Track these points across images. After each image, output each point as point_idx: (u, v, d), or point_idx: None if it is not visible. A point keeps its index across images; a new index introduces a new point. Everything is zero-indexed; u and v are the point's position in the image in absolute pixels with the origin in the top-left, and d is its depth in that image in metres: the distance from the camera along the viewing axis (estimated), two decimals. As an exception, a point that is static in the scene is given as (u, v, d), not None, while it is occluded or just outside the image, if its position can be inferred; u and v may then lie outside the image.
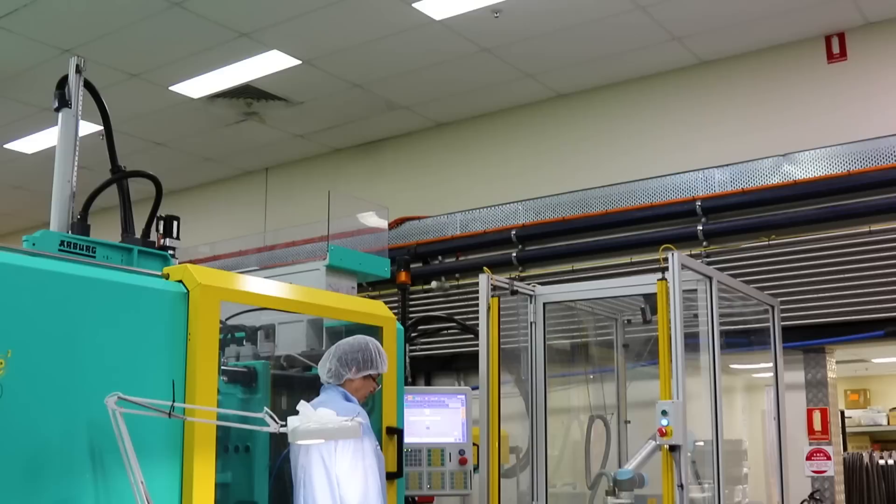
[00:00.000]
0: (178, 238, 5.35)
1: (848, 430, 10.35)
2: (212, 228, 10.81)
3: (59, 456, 3.81)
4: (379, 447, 4.60)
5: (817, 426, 7.36)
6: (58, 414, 3.83)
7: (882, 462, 8.67)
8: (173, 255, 5.16)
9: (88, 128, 5.42)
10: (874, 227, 7.08)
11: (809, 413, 7.38)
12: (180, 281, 4.35)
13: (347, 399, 4.58)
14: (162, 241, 5.27)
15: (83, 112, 5.03)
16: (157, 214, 5.35)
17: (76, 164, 5.08)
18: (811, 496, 7.27)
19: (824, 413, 7.35)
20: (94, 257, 4.66)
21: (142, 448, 3.93)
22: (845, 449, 8.43)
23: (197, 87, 8.86)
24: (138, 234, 5.21)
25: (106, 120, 5.22)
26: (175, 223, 5.36)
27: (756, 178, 7.62)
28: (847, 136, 7.34)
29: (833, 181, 7.27)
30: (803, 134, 7.63)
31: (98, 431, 3.91)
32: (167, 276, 4.40)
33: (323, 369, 4.69)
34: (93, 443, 3.91)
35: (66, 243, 4.64)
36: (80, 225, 5.06)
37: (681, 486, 4.76)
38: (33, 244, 4.52)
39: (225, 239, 10.07)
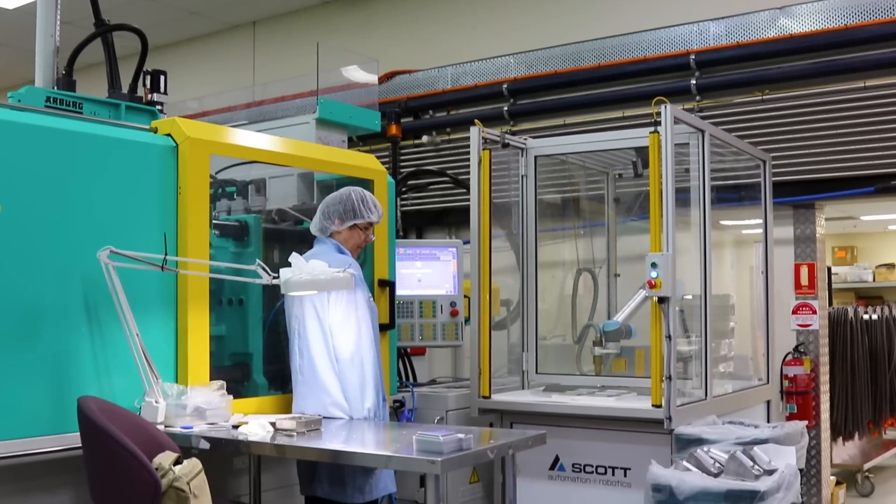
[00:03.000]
0: (165, 93, 5.31)
1: (834, 286, 10.48)
2: (200, 84, 10.66)
3: (54, 310, 3.86)
4: (372, 299, 4.64)
5: (804, 281, 7.44)
6: (51, 269, 3.87)
7: (866, 317, 8.80)
8: (161, 111, 5.14)
9: (70, -20, 5.28)
10: (869, 83, 7.00)
11: (797, 268, 7.45)
12: (169, 135, 4.33)
13: (340, 251, 4.60)
14: (149, 96, 5.24)
15: (63, -37, 4.92)
16: (144, 69, 5.29)
17: (58, 18, 4.99)
18: (796, 349, 7.41)
19: (811, 268, 7.42)
20: (81, 113, 4.63)
21: (136, 302, 3.99)
22: (831, 304, 8.53)
23: (181, -64, 8.62)
24: (125, 90, 5.17)
25: (87, -30, 5.10)
26: (162, 78, 5.31)
27: (752, 31, 7.50)
28: (846, -13, 7.21)
29: (830, 35, 7.15)
30: (801, -14, 7.49)
31: (92, 286, 3.95)
32: (155, 130, 4.38)
33: (313, 223, 4.71)
34: (87, 297, 3.96)
35: (52, 99, 4.60)
36: (66, 80, 5.02)
37: (668, 337, 4.84)
38: (19, 100, 4.48)
39: (213, 93, 9.95)
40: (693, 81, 7.60)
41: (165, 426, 3.98)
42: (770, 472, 4.24)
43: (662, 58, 7.81)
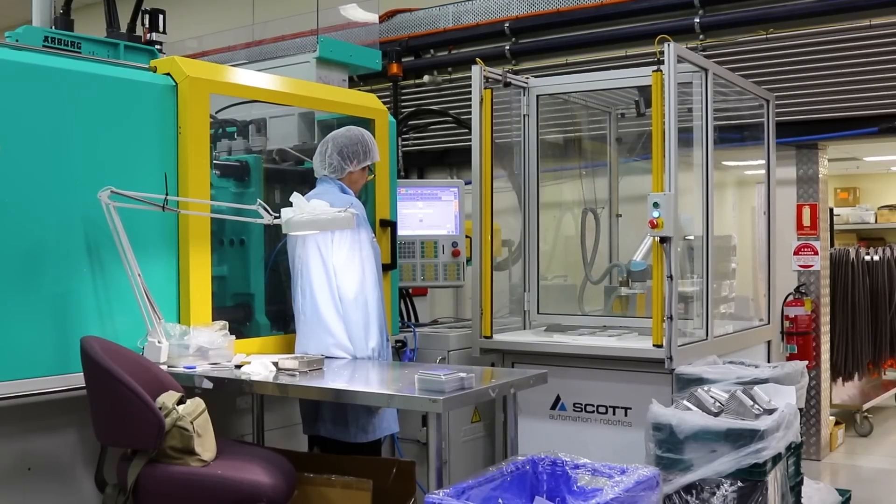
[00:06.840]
0: (164, 32, 5.27)
1: (836, 227, 10.46)
2: (198, 24, 10.56)
3: (55, 251, 3.86)
4: (375, 239, 4.63)
5: (806, 221, 7.44)
6: (52, 210, 3.86)
7: (867, 258, 8.80)
8: (160, 50, 5.10)
9: (66, -85, 5.20)
10: (874, 21, 6.94)
11: (799, 208, 7.45)
12: (168, 74, 4.30)
13: (344, 191, 4.57)
14: (148, 35, 5.20)
15: None
16: (142, 8, 5.24)
17: (56, -44, 4.93)
18: (797, 290, 7.43)
19: (814, 209, 7.42)
20: (79, 52, 4.59)
21: (137, 242, 3.98)
22: (832, 245, 8.53)
23: None
24: (124, 30, 5.13)
25: None
26: (161, 17, 5.27)
27: (756, -31, 7.43)
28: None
29: (835, -28, 7.09)
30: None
31: (93, 226, 3.95)
32: (155, 70, 4.34)
33: (321, 163, 4.63)
34: (88, 238, 3.96)
35: (50, 39, 4.56)
36: (64, 20, 4.98)
37: (670, 277, 4.84)
38: (16, 40, 4.44)
39: (212, 33, 9.86)
40: (697, 20, 7.54)
41: (168, 366, 3.99)
42: (770, 412, 4.27)
43: (666, -4, 7.75)
